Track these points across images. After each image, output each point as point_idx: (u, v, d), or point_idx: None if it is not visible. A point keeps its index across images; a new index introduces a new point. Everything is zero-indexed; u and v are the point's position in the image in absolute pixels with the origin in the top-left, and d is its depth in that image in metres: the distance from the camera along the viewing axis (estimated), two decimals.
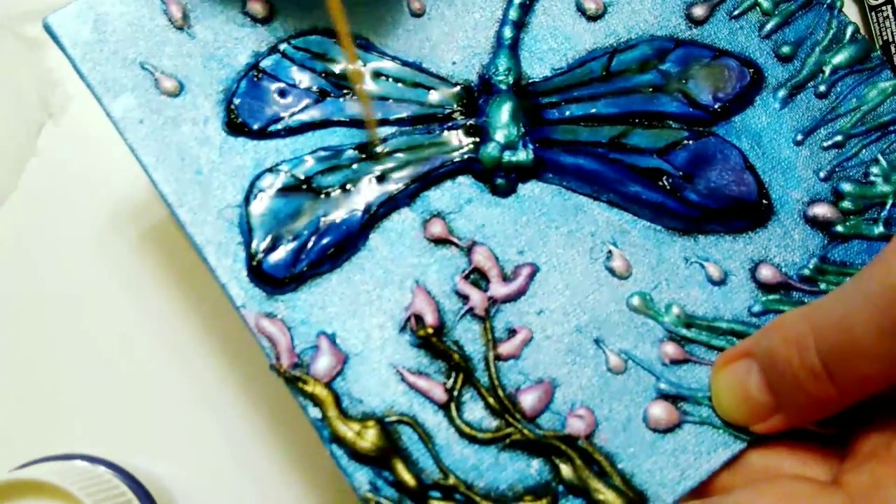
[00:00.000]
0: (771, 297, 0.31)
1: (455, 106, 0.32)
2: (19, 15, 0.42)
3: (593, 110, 0.32)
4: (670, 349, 0.30)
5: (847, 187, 0.32)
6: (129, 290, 0.38)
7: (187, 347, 0.37)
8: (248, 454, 0.37)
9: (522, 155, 0.31)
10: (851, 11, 0.43)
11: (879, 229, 0.32)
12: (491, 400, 0.29)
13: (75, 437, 0.36)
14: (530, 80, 0.33)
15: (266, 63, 0.31)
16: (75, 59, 0.30)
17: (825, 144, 0.33)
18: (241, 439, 0.37)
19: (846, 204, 0.32)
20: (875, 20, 0.41)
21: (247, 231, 0.29)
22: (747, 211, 0.31)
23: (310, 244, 0.29)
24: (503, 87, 0.32)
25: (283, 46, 0.31)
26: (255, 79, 0.31)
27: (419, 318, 0.29)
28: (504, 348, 0.29)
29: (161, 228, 0.39)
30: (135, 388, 0.37)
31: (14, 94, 0.40)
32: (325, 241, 0.29)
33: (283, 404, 0.36)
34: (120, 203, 0.39)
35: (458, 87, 0.32)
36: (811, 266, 0.31)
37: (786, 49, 0.34)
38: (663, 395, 0.29)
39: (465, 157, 0.31)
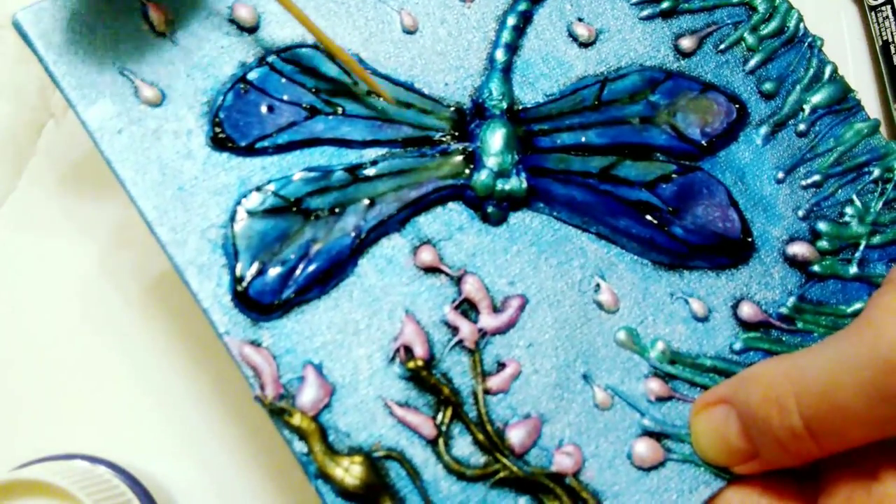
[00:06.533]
0: (751, 334, 0.31)
1: (447, 129, 0.31)
2: None
3: (584, 139, 0.32)
4: (655, 386, 0.30)
5: (823, 227, 0.33)
6: (134, 287, 0.37)
7: (188, 347, 0.37)
8: (248, 454, 0.36)
9: (515, 183, 0.30)
10: (851, 11, 0.43)
11: (854, 270, 0.33)
12: (479, 435, 0.28)
13: (75, 437, 0.36)
14: (523, 107, 0.32)
15: (253, 75, 0.30)
16: (48, 62, 0.28)
17: (804, 183, 0.33)
18: (241, 439, 0.36)
19: (823, 243, 0.32)
20: (875, 20, 0.42)
21: (232, 254, 0.28)
22: (731, 247, 0.32)
23: (298, 269, 0.28)
24: (497, 112, 0.31)
25: (271, 58, 0.30)
26: (242, 91, 0.29)
27: (408, 350, 0.28)
28: (493, 382, 0.29)
29: None
30: (135, 388, 0.37)
31: (14, 94, 0.39)
32: (313, 266, 0.28)
33: None
34: (122, 202, 0.38)
35: (451, 110, 0.31)
36: (789, 305, 0.32)
37: (768, 86, 0.34)
38: (648, 433, 0.29)
39: (458, 183, 0.30)
